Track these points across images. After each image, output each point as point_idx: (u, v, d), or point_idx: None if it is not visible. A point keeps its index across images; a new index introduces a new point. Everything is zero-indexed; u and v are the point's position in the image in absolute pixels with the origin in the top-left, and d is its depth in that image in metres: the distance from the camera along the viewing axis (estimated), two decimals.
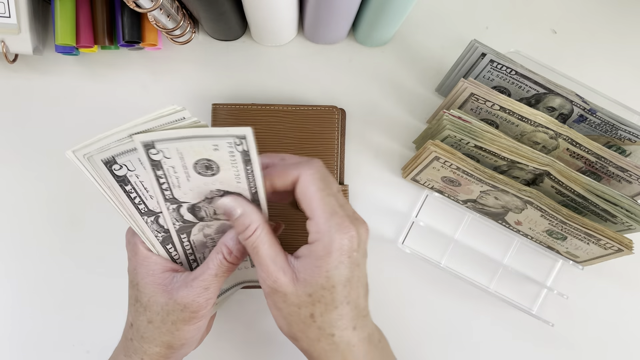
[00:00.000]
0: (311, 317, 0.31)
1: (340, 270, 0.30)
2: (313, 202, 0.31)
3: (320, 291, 0.30)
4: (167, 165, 0.29)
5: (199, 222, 0.34)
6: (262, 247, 0.31)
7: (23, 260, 0.47)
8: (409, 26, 0.50)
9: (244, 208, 0.31)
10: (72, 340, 0.46)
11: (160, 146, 0.28)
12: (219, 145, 0.29)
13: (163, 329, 0.33)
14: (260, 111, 0.46)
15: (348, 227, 0.30)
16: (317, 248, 0.30)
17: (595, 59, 0.51)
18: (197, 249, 0.36)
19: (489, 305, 0.48)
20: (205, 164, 0.30)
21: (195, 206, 0.33)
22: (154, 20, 0.41)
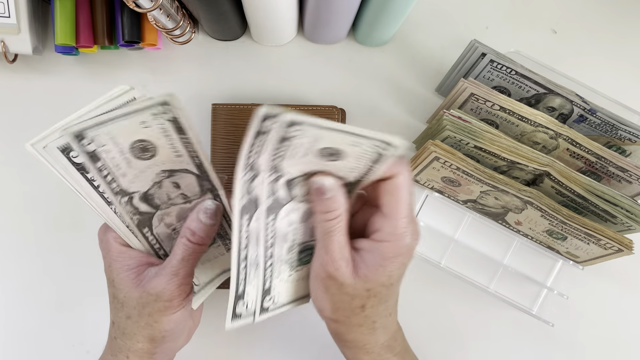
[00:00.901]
0: (362, 307, 0.32)
1: (400, 270, 0.32)
2: (401, 203, 0.31)
3: (379, 288, 0.31)
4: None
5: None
6: (337, 233, 0.31)
7: (23, 260, 0.47)
8: (409, 26, 0.50)
9: (336, 192, 0.31)
10: (72, 341, 0.46)
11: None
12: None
13: (142, 323, 0.33)
14: None
15: (417, 236, 0.32)
16: (387, 248, 0.31)
17: (596, 59, 0.51)
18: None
19: (489, 305, 0.48)
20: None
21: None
22: (154, 20, 0.41)
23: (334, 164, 0.30)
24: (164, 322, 0.33)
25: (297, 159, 0.29)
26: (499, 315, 0.48)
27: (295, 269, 0.35)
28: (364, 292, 0.31)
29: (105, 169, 0.29)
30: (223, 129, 0.46)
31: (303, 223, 0.34)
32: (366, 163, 0.30)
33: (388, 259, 0.31)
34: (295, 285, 0.36)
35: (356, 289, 0.31)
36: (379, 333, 0.33)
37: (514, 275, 0.48)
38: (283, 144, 0.27)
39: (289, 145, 0.28)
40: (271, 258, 0.33)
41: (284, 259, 0.34)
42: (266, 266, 0.33)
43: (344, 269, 0.31)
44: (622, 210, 0.40)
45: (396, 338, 0.35)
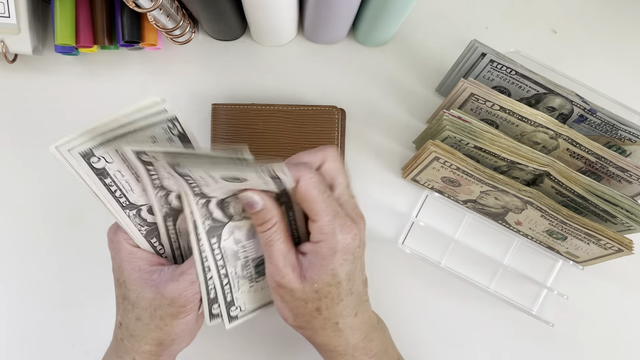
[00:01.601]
0: (317, 310, 0.32)
1: (344, 267, 0.32)
2: (315, 205, 0.32)
3: (327, 287, 0.32)
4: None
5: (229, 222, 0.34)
6: (277, 242, 0.32)
7: (23, 259, 0.47)
8: (409, 26, 0.50)
9: (266, 202, 0.32)
10: (72, 341, 0.46)
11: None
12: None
13: (152, 325, 0.33)
14: (260, 111, 0.46)
15: (350, 227, 0.32)
16: (322, 248, 0.32)
17: (596, 59, 0.51)
18: (228, 261, 0.35)
19: (489, 305, 0.48)
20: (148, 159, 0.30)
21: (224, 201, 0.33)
22: (154, 20, 0.41)
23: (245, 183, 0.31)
24: (175, 325, 0.33)
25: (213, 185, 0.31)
26: (499, 315, 0.48)
27: (256, 280, 0.36)
28: (313, 294, 0.32)
29: (113, 185, 0.31)
30: (223, 129, 0.46)
31: (252, 239, 0.35)
32: (269, 181, 0.31)
33: (326, 258, 0.32)
34: (262, 293, 0.37)
35: (305, 292, 0.32)
36: (347, 334, 0.34)
37: (514, 275, 0.48)
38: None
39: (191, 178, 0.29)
40: (226, 277, 0.35)
41: (240, 275, 0.35)
42: (223, 284, 0.35)
43: (290, 275, 0.32)
44: (622, 210, 0.40)
45: (371, 339, 0.35)
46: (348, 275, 0.32)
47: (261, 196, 0.32)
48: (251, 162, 0.28)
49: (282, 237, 0.33)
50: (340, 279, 0.32)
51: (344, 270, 0.32)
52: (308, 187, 0.31)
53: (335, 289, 0.32)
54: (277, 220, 0.32)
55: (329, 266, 0.31)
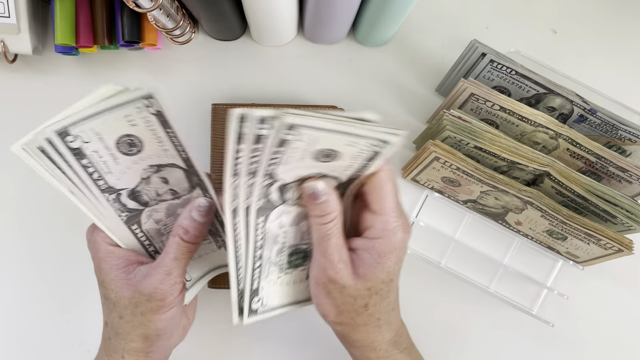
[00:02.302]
0: (365, 307, 0.32)
1: (398, 265, 0.32)
2: (387, 199, 0.31)
3: (380, 285, 0.32)
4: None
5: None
6: (334, 236, 0.32)
7: (23, 260, 0.47)
8: (409, 26, 0.50)
9: (330, 195, 0.31)
10: (73, 341, 0.46)
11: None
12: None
13: (135, 323, 0.33)
14: None
15: (409, 228, 0.32)
16: (381, 245, 0.31)
17: (596, 59, 0.51)
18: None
19: (489, 305, 0.48)
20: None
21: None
22: (154, 20, 0.41)
23: (329, 164, 0.30)
24: (157, 320, 0.33)
25: (292, 164, 0.29)
26: (499, 315, 0.48)
27: (285, 271, 0.35)
28: (365, 291, 0.31)
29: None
30: (223, 129, 0.46)
31: (294, 226, 0.34)
32: (361, 162, 0.30)
33: (384, 256, 0.31)
34: (286, 288, 0.36)
35: (358, 289, 0.31)
36: (384, 330, 0.34)
37: (514, 276, 0.48)
38: (280, 148, 0.27)
39: (286, 150, 0.28)
40: (260, 259, 0.33)
41: (273, 261, 0.34)
42: (254, 266, 0.33)
43: (344, 271, 0.31)
44: (622, 211, 0.40)
45: (401, 334, 0.35)
46: (397, 273, 0.32)
47: (327, 187, 0.31)
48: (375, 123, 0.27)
49: (339, 231, 0.32)
50: (392, 277, 0.32)
51: (397, 268, 0.32)
52: (387, 177, 0.31)
53: (387, 287, 0.32)
54: (337, 214, 0.31)
55: (386, 264, 0.31)
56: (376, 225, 0.31)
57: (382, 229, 0.31)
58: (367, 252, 0.31)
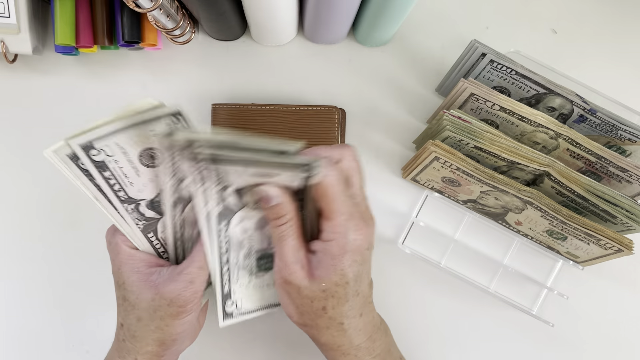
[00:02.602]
0: (323, 309, 0.32)
1: (353, 268, 0.32)
2: (333, 203, 0.31)
3: (334, 287, 0.32)
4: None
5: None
6: (289, 238, 0.32)
7: (23, 260, 0.47)
8: (409, 26, 0.50)
9: (282, 198, 0.32)
10: (72, 341, 0.46)
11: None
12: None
13: (152, 326, 0.33)
14: (260, 111, 0.46)
15: (362, 229, 0.32)
16: (332, 247, 0.32)
17: (596, 59, 0.51)
18: (232, 247, 0.35)
19: (489, 305, 0.48)
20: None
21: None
22: (154, 20, 0.41)
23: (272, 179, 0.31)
24: (176, 325, 0.33)
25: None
26: (499, 315, 0.48)
27: (256, 274, 0.36)
28: (320, 293, 0.32)
29: (112, 178, 0.30)
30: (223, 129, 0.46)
31: (259, 230, 0.35)
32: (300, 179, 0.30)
33: (335, 258, 0.31)
34: (260, 292, 0.36)
35: (313, 290, 0.32)
36: (351, 334, 0.34)
37: (514, 276, 0.48)
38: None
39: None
40: (227, 263, 0.34)
41: (241, 265, 0.35)
42: (222, 271, 0.34)
43: (299, 272, 0.32)
44: (622, 211, 0.40)
45: (374, 339, 0.35)
46: (356, 277, 0.32)
47: (278, 191, 0.32)
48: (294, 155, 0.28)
49: (294, 233, 0.32)
50: (348, 279, 0.32)
51: (352, 271, 0.32)
52: (330, 183, 0.31)
53: (343, 289, 0.32)
54: (291, 216, 0.32)
55: (338, 266, 0.31)
56: (327, 228, 0.32)
57: (331, 231, 0.32)
58: (322, 254, 0.32)
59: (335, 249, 0.31)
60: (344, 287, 0.32)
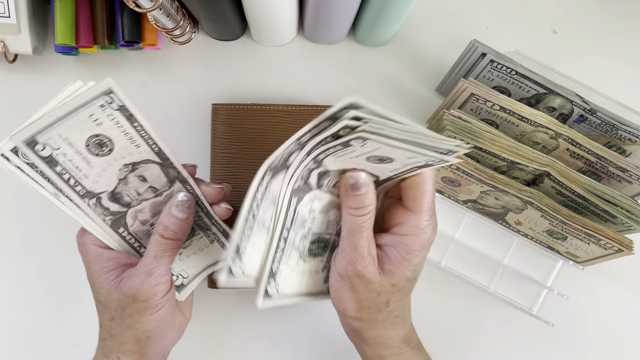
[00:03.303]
0: (386, 303, 0.32)
1: (422, 263, 0.32)
2: (425, 198, 0.31)
3: (404, 282, 0.32)
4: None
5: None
6: (367, 230, 0.31)
7: (23, 260, 0.47)
8: (409, 26, 0.50)
9: (369, 188, 0.31)
10: (72, 341, 0.46)
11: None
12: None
13: (124, 325, 0.32)
14: (260, 111, 0.46)
15: (436, 228, 0.32)
16: (411, 242, 0.31)
17: (596, 59, 0.51)
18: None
19: (489, 305, 0.48)
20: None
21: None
22: (154, 20, 0.41)
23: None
24: (145, 322, 0.32)
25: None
26: (499, 315, 0.48)
27: (304, 258, 0.35)
28: (389, 287, 0.31)
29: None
30: (223, 129, 0.46)
31: (323, 214, 0.34)
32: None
33: (412, 253, 0.31)
34: (302, 277, 0.35)
35: (382, 285, 0.31)
36: (399, 327, 0.34)
37: (514, 275, 0.48)
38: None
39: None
40: (285, 241, 0.33)
41: (296, 246, 0.34)
42: (278, 247, 0.32)
43: (372, 265, 0.31)
44: (622, 211, 0.40)
45: (412, 331, 0.36)
46: (420, 272, 0.32)
47: (368, 180, 0.31)
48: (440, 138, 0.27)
49: (371, 225, 0.32)
50: (417, 274, 0.32)
51: (421, 266, 0.32)
52: (429, 177, 0.31)
53: (410, 284, 0.32)
54: (373, 208, 0.31)
55: (412, 261, 0.31)
56: (409, 222, 0.31)
57: (414, 225, 0.31)
58: (394, 249, 0.31)
59: (413, 244, 0.31)
60: (412, 282, 0.32)
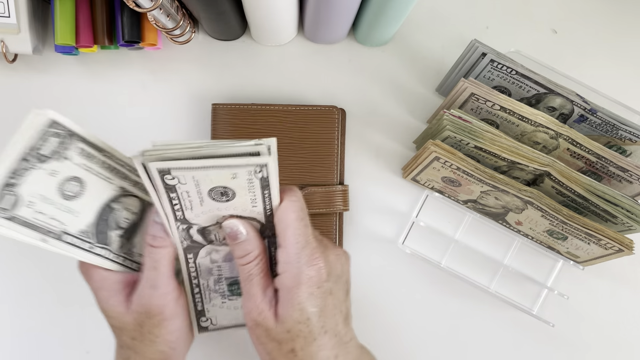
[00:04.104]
0: (292, 352, 0.30)
1: (311, 301, 0.30)
2: (288, 230, 0.30)
3: (297, 325, 0.30)
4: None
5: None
6: (257, 276, 0.31)
7: (23, 259, 0.47)
8: (409, 26, 0.50)
9: (250, 234, 0.31)
10: (73, 341, 0.46)
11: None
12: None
13: (146, 341, 0.32)
14: (260, 111, 0.46)
15: (317, 259, 0.30)
16: (286, 280, 0.30)
17: (596, 59, 0.51)
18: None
19: (489, 305, 0.48)
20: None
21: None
22: (154, 20, 0.41)
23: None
24: (165, 334, 0.32)
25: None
26: (499, 315, 0.48)
27: (229, 297, 0.36)
28: (286, 334, 0.30)
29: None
30: (223, 129, 0.46)
31: (227, 262, 0.34)
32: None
33: (291, 291, 0.29)
34: (234, 312, 0.36)
35: (278, 332, 0.30)
36: None
37: (515, 276, 0.48)
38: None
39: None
40: (198, 287, 0.34)
41: (212, 289, 0.35)
42: (194, 292, 0.34)
43: (267, 312, 0.30)
44: (622, 210, 0.40)
45: None
46: (317, 311, 0.30)
47: (245, 227, 0.31)
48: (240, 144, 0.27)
49: (262, 271, 0.31)
50: (308, 314, 0.29)
51: (311, 304, 0.29)
52: (288, 209, 0.30)
53: (306, 327, 0.30)
54: (259, 253, 0.31)
55: (294, 300, 0.29)
56: (280, 258, 0.30)
57: (284, 261, 0.30)
58: (280, 290, 0.30)
59: (288, 281, 0.30)
60: (306, 324, 0.30)
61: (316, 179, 0.46)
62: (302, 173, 0.46)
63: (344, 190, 0.46)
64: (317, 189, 0.46)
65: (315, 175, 0.46)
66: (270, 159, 0.27)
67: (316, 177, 0.46)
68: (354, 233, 0.48)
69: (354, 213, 0.48)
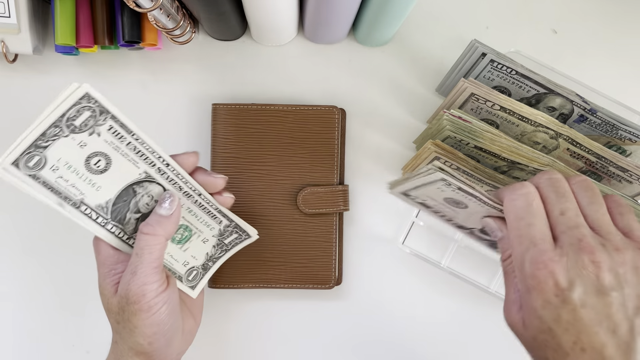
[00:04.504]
0: None
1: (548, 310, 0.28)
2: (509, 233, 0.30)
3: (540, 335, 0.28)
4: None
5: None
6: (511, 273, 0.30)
7: (23, 259, 0.47)
8: (409, 26, 0.50)
9: (504, 232, 0.32)
10: (72, 341, 0.46)
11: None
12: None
13: (127, 329, 0.32)
14: (260, 111, 0.46)
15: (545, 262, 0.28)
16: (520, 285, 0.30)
17: (596, 59, 0.51)
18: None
19: (489, 305, 0.48)
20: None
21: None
22: (154, 20, 0.41)
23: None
24: (142, 326, 0.31)
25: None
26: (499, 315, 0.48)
27: None
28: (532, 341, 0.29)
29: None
30: (223, 129, 0.46)
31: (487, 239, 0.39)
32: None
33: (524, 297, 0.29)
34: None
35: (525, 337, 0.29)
36: None
37: None
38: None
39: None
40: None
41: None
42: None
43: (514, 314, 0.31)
44: None
45: None
46: (564, 324, 0.25)
47: (501, 225, 0.31)
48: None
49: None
50: (549, 325, 0.26)
51: (549, 314, 0.26)
52: (507, 210, 0.29)
53: (551, 338, 0.26)
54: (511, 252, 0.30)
55: (531, 305, 0.27)
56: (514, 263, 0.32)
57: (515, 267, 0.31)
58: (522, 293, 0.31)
59: (521, 286, 0.28)
60: (549, 333, 0.26)
61: (316, 179, 0.46)
62: (302, 173, 0.46)
63: (344, 190, 0.46)
64: (317, 189, 0.46)
65: (316, 175, 0.46)
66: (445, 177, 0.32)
67: (316, 177, 0.46)
68: (354, 233, 0.48)
69: (354, 213, 0.48)
